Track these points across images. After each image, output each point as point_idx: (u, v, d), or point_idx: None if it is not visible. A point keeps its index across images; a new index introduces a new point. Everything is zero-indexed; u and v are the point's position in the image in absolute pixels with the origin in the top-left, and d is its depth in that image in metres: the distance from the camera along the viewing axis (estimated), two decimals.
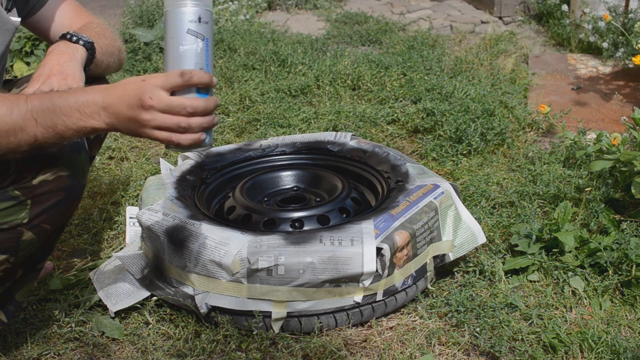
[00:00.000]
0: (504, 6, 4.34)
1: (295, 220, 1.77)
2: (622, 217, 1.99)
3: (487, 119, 2.60)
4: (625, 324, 1.66)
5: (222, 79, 3.15)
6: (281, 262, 1.56)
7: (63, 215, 1.45)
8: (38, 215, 1.39)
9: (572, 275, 1.80)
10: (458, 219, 1.81)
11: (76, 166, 1.41)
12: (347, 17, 4.33)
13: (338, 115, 2.78)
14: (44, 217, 1.40)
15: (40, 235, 1.42)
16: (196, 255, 1.62)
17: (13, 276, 1.46)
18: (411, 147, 2.62)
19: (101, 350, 1.62)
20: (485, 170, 2.38)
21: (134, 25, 3.87)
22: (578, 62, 3.49)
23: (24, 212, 1.36)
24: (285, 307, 1.59)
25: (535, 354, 1.54)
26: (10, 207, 1.35)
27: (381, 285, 1.63)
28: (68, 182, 1.40)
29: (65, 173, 1.39)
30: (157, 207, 1.76)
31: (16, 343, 1.63)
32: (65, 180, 1.40)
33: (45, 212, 1.39)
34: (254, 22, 4.17)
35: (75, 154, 1.41)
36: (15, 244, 1.38)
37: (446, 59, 3.42)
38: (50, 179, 1.38)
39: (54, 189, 1.39)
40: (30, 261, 1.47)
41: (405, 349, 1.59)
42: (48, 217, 1.40)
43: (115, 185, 2.36)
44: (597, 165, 2.06)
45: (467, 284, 1.80)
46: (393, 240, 1.62)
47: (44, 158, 1.37)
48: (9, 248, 1.38)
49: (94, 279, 1.79)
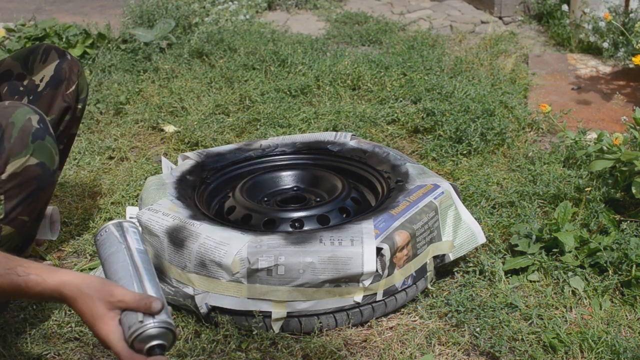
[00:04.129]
0: (504, 6, 4.34)
1: (295, 220, 1.77)
2: (622, 217, 1.99)
3: (487, 119, 2.60)
4: (625, 324, 1.66)
5: (222, 79, 3.15)
6: (281, 262, 1.56)
7: (38, 204, 1.44)
8: (14, 209, 1.38)
9: (572, 275, 1.79)
10: (458, 219, 1.81)
11: (43, 153, 1.40)
12: (347, 17, 4.32)
13: (338, 115, 2.78)
14: (20, 209, 1.39)
15: (19, 227, 1.41)
16: (196, 255, 1.62)
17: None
18: (411, 147, 2.62)
19: (101, 350, 1.62)
20: (485, 170, 2.38)
21: (134, 25, 3.87)
22: (578, 62, 3.48)
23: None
24: (285, 307, 1.59)
25: (535, 354, 1.54)
26: None
27: (381, 285, 1.63)
28: (38, 170, 1.39)
29: (34, 162, 1.38)
30: (157, 207, 1.76)
31: (16, 343, 1.63)
32: (34, 169, 1.39)
33: (19, 204, 1.39)
34: (254, 22, 4.17)
35: (40, 140, 1.39)
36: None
37: (446, 59, 3.41)
38: (19, 171, 1.37)
39: (25, 180, 1.38)
40: (14, 252, 1.47)
41: (405, 349, 1.59)
42: (24, 209, 1.40)
43: (115, 185, 2.36)
44: (597, 165, 2.06)
45: (467, 284, 1.80)
46: (393, 240, 1.62)
47: (9, 151, 1.35)
48: None
49: None
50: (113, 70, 3.33)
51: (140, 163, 2.52)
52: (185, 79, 3.17)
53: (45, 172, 1.41)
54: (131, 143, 2.68)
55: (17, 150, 1.36)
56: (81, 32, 3.56)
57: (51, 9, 4.74)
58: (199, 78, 3.18)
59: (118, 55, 3.46)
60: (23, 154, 1.37)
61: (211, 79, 3.16)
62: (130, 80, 3.19)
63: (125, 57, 3.47)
